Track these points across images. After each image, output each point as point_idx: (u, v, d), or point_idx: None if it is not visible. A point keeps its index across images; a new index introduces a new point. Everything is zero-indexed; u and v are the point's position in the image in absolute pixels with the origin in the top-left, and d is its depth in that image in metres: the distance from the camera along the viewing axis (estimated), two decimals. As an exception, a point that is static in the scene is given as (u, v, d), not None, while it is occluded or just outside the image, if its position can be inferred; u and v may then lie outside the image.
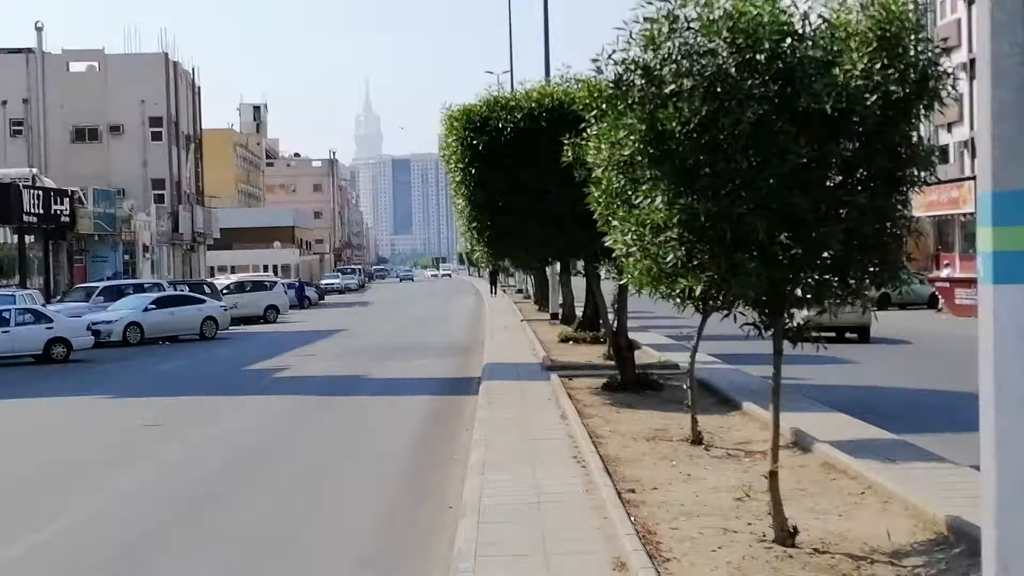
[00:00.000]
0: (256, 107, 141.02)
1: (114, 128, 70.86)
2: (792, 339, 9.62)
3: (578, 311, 37.97)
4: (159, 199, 70.80)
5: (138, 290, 45.57)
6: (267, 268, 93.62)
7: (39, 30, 69.71)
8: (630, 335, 22.34)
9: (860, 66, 8.78)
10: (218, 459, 15.77)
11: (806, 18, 9.15)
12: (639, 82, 9.23)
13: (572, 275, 38.24)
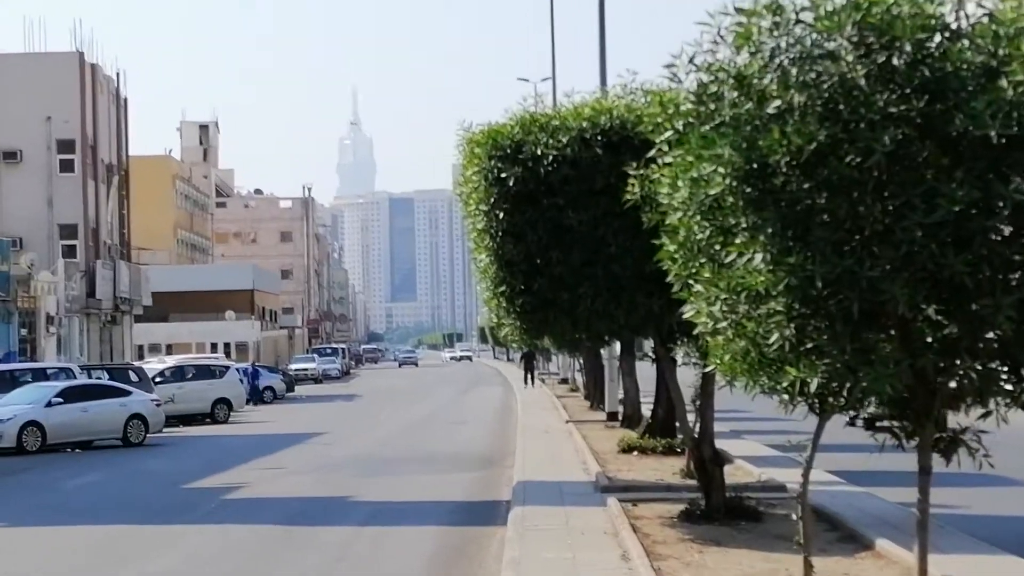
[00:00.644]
0: (203, 126, 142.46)
1: (8, 155, 71.62)
2: (945, 452, 9.56)
3: (645, 410, 37.83)
4: (69, 252, 71.35)
5: (39, 377, 45.71)
6: (216, 348, 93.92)
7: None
8: (718, 444, 22.25)
9: (1037, 76, 8.83)
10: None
11: (961, 9, 9.20)
12: (731, 95, 9.29)
13: (637, 359, 38.03)
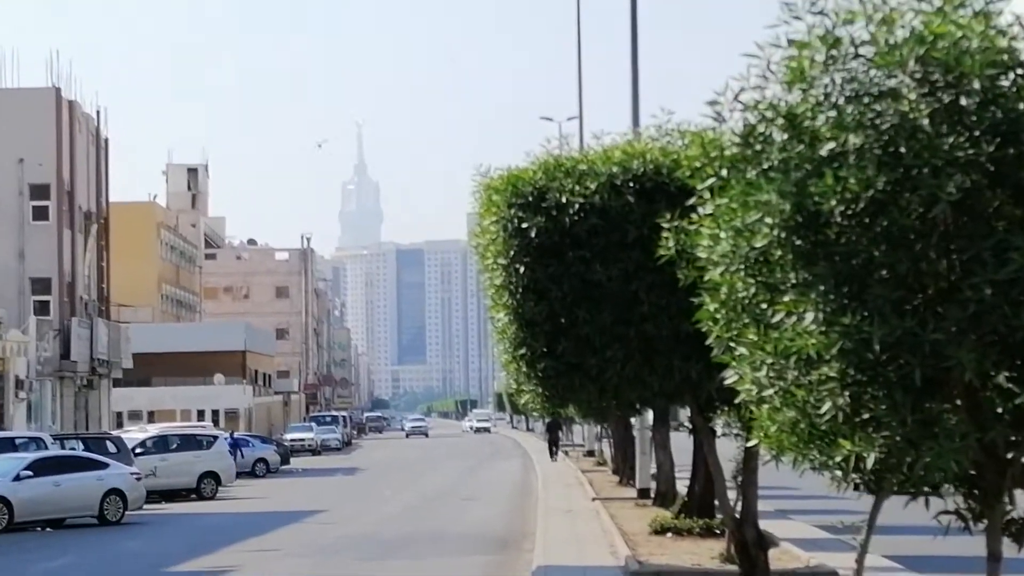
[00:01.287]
0: (191, 169, 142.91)
1: (-24, 201, 72.01)
2: (1017, 536, 9.51)
3: (681, 486, 37.73)
4: (42, 309, 71.56)
5: (7, 448, 45.70)
6: (203, 415, 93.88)
7: None
8: (762, 524, 22.17)
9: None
10: None
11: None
12: (781, 137, 9.29)
13: (672, 430, 37.96)
